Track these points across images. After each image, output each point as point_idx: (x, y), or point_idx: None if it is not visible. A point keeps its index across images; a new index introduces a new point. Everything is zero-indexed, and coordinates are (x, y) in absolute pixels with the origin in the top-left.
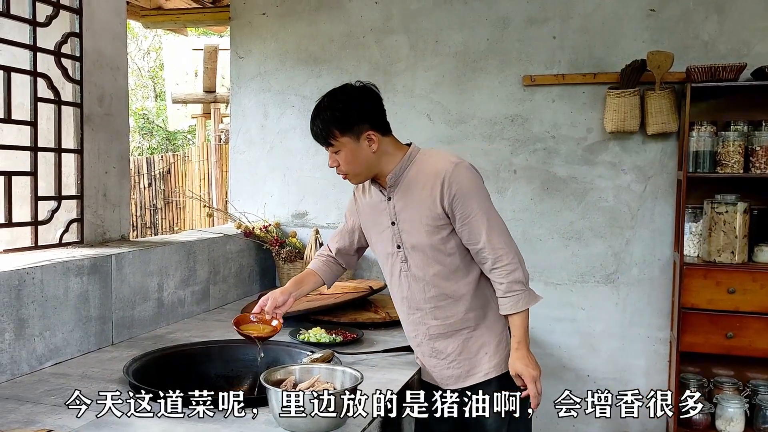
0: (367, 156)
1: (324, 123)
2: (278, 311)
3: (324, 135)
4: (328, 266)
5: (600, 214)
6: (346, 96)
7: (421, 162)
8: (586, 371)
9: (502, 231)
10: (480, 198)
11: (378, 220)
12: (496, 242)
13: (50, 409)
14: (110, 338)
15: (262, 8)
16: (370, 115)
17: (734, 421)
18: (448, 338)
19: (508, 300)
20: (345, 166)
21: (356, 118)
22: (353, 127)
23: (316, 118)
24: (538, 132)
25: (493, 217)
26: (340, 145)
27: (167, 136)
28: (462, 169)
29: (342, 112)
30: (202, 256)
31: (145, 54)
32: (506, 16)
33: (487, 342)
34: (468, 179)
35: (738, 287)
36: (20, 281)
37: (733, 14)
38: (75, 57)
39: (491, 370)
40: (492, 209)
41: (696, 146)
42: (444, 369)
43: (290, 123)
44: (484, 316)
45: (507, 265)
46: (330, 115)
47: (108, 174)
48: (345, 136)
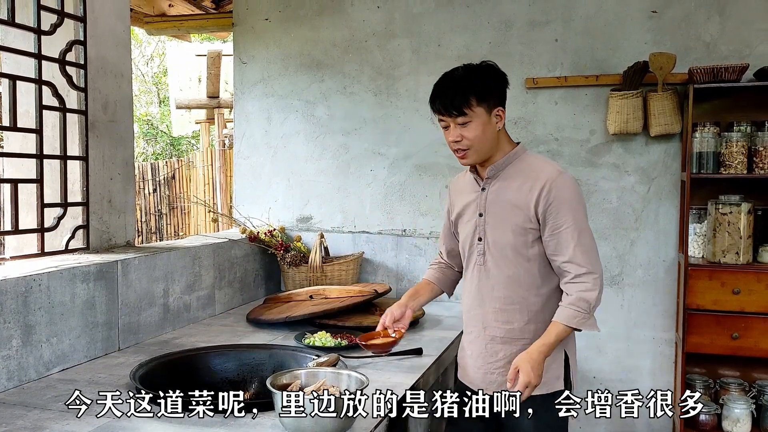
0: (492, 132)
1: (462, 90)
2: (399, 324)
3: (459, 103)
4: (442, 273)
5: (604, 215)
6: (483, 69)
7: (525, 162)
8: (592, 373)
9: (591, 250)
10: (577, 212)
11: (467, 208)
12: (581, 260)
13: (58, 415)
14: (117, 344)
15: (265, 14)
16: (502, 93)
17: (741, 422)
18: (503, 344)
19: (567, 311)
20: (470, 140)
21: (493, 91)
22: (489, 99)
23: (452, 87)
24: (541, 134)
25: (585, 234)
26: (473, 115)
27: (171, 141)
28: (566, 178)
29: (482, 82)
30: (207, 261)
31: (149, 60)
32: (508, 19)
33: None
34: (570, 190)
35: (743, 288)
36: (27, 288)
37: (734, 15)
38: (79, 64)
39: (538, 388)
40: (586, 227)
41: (699, 147)
42: (489, 373)
43: (294, 127)
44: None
45: (585, 283)
46: (469, 84)
47: (113, 180)
48: (480, 106)
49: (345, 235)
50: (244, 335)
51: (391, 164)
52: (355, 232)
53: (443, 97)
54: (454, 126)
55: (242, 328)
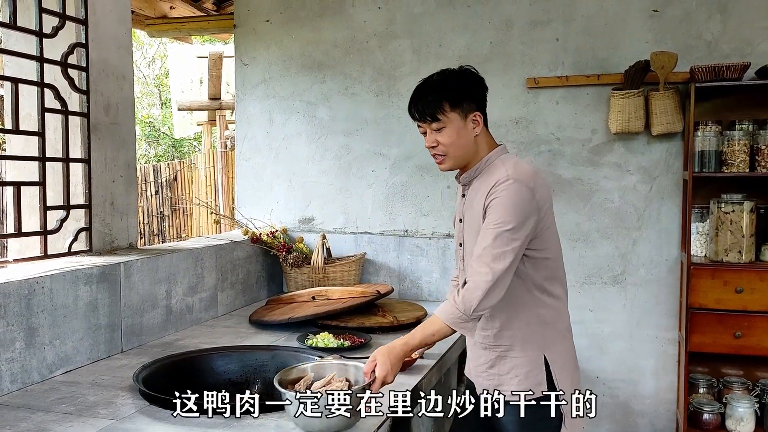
0: (468, 138)
1: (435, 96)
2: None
3: (432, 109)
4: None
5: (606, 215)
6: (458, 74)
7: (493, 167)
8: (595, 373)
9: (501, 256)
10: (506, 216)
11: (456, 212)
12: (484, 260)
13: (61, 418)
14: (120, 346)
15: (266, 15)
16: (479, 98)
17: (744, 421)
18: (483, 349)
19: (447, 306)
20: (445, 146)
21: (468, 96)
22: (463, 104)
23: (426, 92)
24: (542, 134)
25: (503, 239)
26: (446, 121)
27: (173, 143)
28: (510, 183)
29: (455, 87)
30: (209, 262)
31: (150, 62)
32: (509, 18)
33: (519, 365)
34: (508, 193)
35: (746, 286)
36: (30, 290)
37: (736, 13)
38: (81, 67)
39: (518, 396)
40: (510, 235)
41: (701, 146)
42: (478, 376)
43: (295, 128)
44: (521, 339)
45: (475, 285)
46: (443, 89)
47: (115, 182)
48: (454, 111)
49: (347, 235)
50: (246, 337)
51: (392, 165)
52: (357, 233)
53: (418, 102)
54: (430, 131)
55: (245, 330)
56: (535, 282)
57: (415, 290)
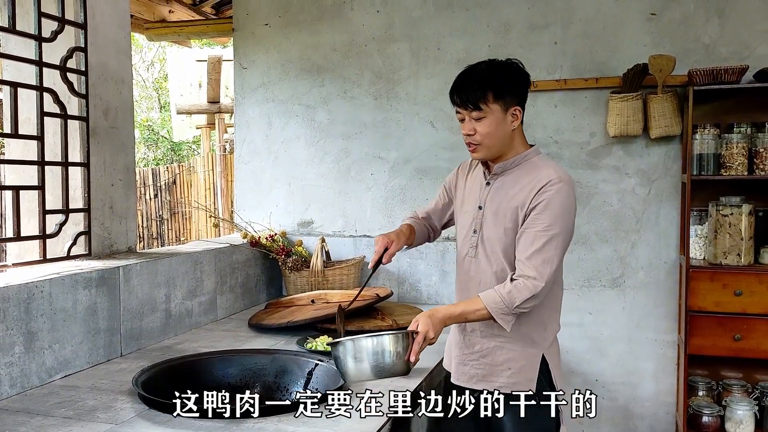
0: (506, 131)
1: (480, 85)
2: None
3: (476, 97)
4: (420, 227)
5: (605, 218)
6: (505, 67)
7: (533, 165)
8: (594, 376)
9: (549, 261)
10: (556, 219)
11: (471, 198)
12: (533, 264)
13: (60, 422)
14: (119, 350)
15: (265, 19)
16: (522, 93)
17: (744, 424)
18: (482, 338)
19: (493, 295)
20: (482, 135)
21: (512, 90)
22: (506, 97)
23: (471, 80)
24: (541, 137)
25: (552, 244)
26: (488, 111)
27: (172, 146)
28: (563, 185)
29: (501, 79)
30: (208, 266)
31: (149, 65)
32: (507, 22)
33: (514, 359)
34: (560, 196)
35: (745, 289)
36: (29, 295)
37: (733, 17)
38: (80, 71)
39: (505, 387)
40: (559, 238)
41: (699, 149)
42: (463, 364)
43: (294, 132)
44: (523, 335)
45: (524, 285)
46: (489, 79)
47: (114, 186)
48: (497, 103)
49: (346, 239)
50: (246, 340)
51: (391, 168)
52: (356, 236)
53: (461, 89)
54: (469, 119)
55: (244, 333)
56: None
57: (415, 293)
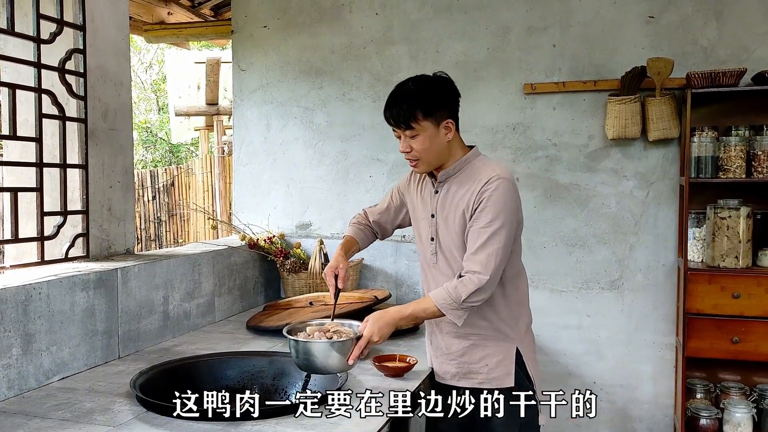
0: (441, 144)
1: (409, 105)
2: (339, 272)
3: (406, 117)
4: (365, 234)
5: (603, 220)
6: (431, 82)
7: (474, 168)
8: (592, 378)
9: (493, 255)
10: (498, 215)
11: (424, 207)
12: (478, 259)
13: (58, 424)
14: (117, 352)
15: (264, 21)
16: (451, 105)
17: (742, 426)
18: (455, 338)
19: (441, 292)
20: (419, 152)
21: (440, 105)
22: (436, 112)
23: (400, 100)
24: (539, 140)
25: (495, 239)
26: (420, 129)
27: (170, 148)
28: (502, 181)
29: (429, 96)
30: (206, 268)
31: (148, 67)
32: (506, 25)
33: (491, 354)
34: (500, 192)
35: (743, 292)
36: (27, 296)
37: (732, 20)
38: (79, 73)
39: (486, 382)
40: (502, 233)
41: (698, 152)
42: (445, 363)
43: (293, 134)
44: (495, 330)
45: (470, 279)
46: (416, 98)
47: (112, 188)
48: (427, 120)
49: None
50: (244, 342)
51: (390, 170)
52: None
53: (392, 109)
54: (404, 137)
55: (242, 336)
56: (506, 277)
57: (413, 295)
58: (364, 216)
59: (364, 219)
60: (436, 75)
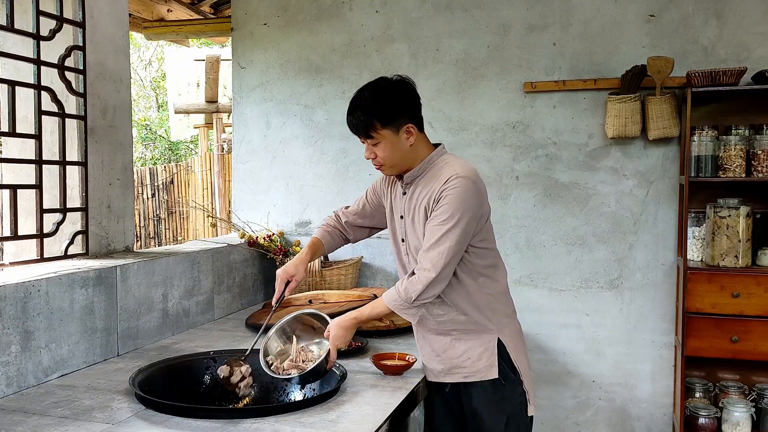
0: (404, 149)
1: (366, 115)
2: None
3: (365, 127)
4: (332, 238)
5: (603, 219)
6: (387, 89)
7: (436, 168)
8: (591, 377)
9: (443, 253)
10: (453, 213)
11: (395, 209)
12: (429, 256)
13: (57, 421)
14: (116, 349)
15: (264, 19)
16: (410, 109)
17: (740, 426)
18: (437, 335)
19: (392, 292)
20: (383, 158)
21: (398, 111)
22: (394, 119)
23: (357, 110)
24: (539, 138)
25: (448, 237)
26: (379, 137)
27: (170, 146)
28: (460, 180)
29: (385, 105)
30: (206, 266)
31: (147, 64)
32: (506, 23)
33: (472, 347)
34: (457, 191)
35: (742, 291)
36: (26, 294)
37: (732, 19)
38: (78, 70)
39: (471, 375)
40: (455, 231)
41: (697, 151)
42: (431, 361)
43: (293, 132)
44: (474, 323)
45: (418, 278)
46: (373, 108)
47: (112, 186)
48: (386, 128)
49: None
50: (243, 340)
51: None
52: None
53: (351, 119)
54: (368, 145)
55: (241, 333)
56: (479, 270)
57: None
58: (335, 218)
59: (334, 221)
60: (394, 79)
